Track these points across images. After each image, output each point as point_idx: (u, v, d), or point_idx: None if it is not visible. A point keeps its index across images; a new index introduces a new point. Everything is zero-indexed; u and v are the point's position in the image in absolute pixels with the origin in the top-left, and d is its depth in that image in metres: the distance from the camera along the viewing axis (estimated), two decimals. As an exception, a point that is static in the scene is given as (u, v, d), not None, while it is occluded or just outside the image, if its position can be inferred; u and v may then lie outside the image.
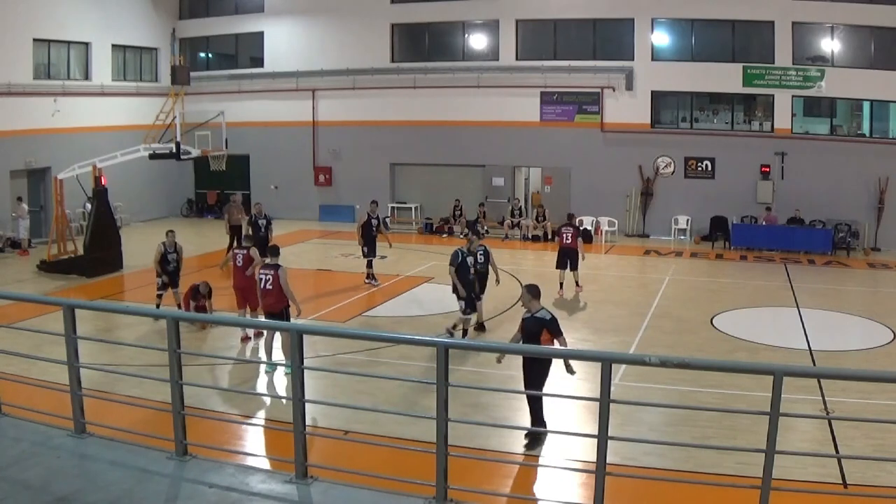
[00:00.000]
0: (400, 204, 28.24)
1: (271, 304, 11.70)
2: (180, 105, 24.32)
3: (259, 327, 13.05)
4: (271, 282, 11.57)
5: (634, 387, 10.98)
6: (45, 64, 24.69)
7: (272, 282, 11.56)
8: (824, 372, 11.63)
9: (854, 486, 8.09)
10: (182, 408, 6.01)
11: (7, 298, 10.35)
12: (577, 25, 26.29)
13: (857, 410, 10.18)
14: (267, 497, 5.50)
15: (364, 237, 17.74)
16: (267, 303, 11.76)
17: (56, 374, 8.68)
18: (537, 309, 9.17)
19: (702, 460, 8.43)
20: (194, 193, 30.54)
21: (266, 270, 11.70)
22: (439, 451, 5.30)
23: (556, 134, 26.07)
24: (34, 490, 5.54)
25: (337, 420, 9.47)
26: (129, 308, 14.48)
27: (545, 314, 9.13)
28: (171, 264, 14.93)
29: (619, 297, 17.37)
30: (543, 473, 8.61)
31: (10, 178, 23.36)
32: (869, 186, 23.34)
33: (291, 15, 28.54)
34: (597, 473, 5.08)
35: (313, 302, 16.99)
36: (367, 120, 27.84)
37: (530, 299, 9.22)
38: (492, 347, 8.76)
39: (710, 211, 24.52)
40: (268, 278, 11.59)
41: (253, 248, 13.56)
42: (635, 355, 11.38)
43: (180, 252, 15.22)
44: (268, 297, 11.69)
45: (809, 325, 14.79)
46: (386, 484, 5.88)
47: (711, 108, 25.73)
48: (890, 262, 21.70)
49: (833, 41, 23.84)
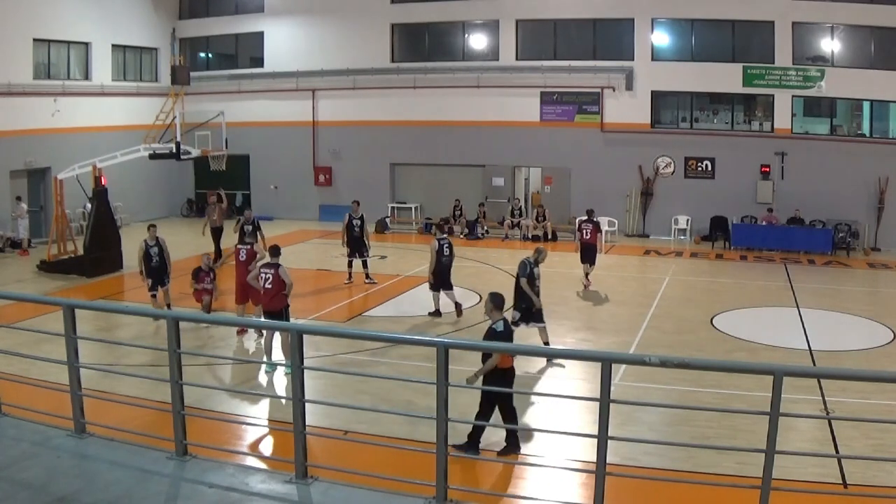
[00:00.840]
0: (400, 204, 28.24)
1: (271, 303, 11.75)
2: (180, 105, 24.33)
3: (259, 327, 13.05)
4: (272, 280, 11.62)
5: (634, 387, 10.97)
6: (45, 64, 24.70)
7: (272, 280, 11.61)
8: (824, 372, 11.62)
9: (854, 486, 8.09)
10: (182, 408, 6.01)
11: (7, 298, 10.35)
12: (577, 25, 26.29)
13: (857, 410, 10.18)
14: (267, 497, 5.50)
15: (347, 238, 17.78)
16: (266, 301, 11.82)
17: (56, 374, 8.69)
18: (496, 319, 8.81)
19: (702, 460, 8.43)
20: (194, 193, 30.53)
21: (267, 269, 11.77)
22: (439, 451, 5.30)
23: (556, 134, 26.07)
24: (34, 490, 5.54)
25: (337, 420, 9.47)
26: (129, 308, 14.48)
27: (499, 325, 8.76)
28: (153, 259, 14.68)
29: (619, 297, 17.37)
30: (543, 473, 8.61)
31: (10, 178, 23.37)
32: (869, 186, 23.33)
33: (291, 15, 28.54)
34: (597, 473, 5.08)
35: (313, 302, 17.01)
36: (367, 120, 27.84)
37: (491, 309, 8.83)
38: (492, 347, 8.75)
39: (710, 211, 24.52)
40: (268, 277, 11.66)
41: (257, 243, 13.55)
42: (635, 355, 11.38)
43: (164, 246, 14.93)
44: (267, 296, 11.74)
45: (809, 325, 14.79)
46: (386, 484, 5.87)
47: (711, 108, 25.72)
48: (890, 262, 21.70)
49: (833, 41, 23.84)
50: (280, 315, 11.73)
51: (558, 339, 14.20)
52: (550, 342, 12.79)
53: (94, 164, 19.78)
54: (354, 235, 17.74)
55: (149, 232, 15.02)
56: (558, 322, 15.38)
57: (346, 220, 17.88)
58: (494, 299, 8.89)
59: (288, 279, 11.71)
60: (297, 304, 16.47)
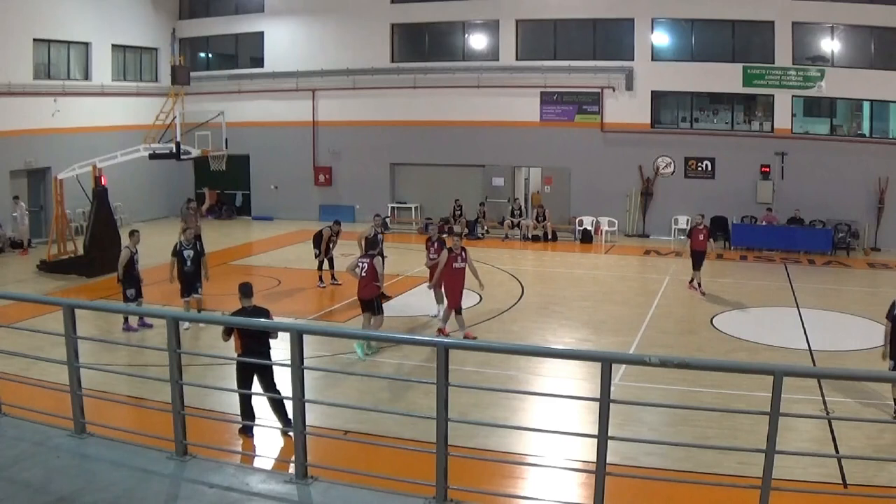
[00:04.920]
0: (400, 204, 28.24)
1: (363, 291, 12.61)
2: (180, 105, 24.30)
3: (259, 327, 13.00)
4: (366, 269, 12.54)
5: (634, 387, 10.97)
6: (45, 64, 24.69)
7: (367, 269, 12.53)
8: (824, 372, 11.62)
9: (854, 486, 8.09)
10: (182, 408, 6.01)
11: (7, 298, 10.35)
12: (577, 25, 26.29)
13: (857, 410, 10.18)
14: (267, 497, 5.50)
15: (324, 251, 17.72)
16: (359, 289, 12.67)
17: (56, 374, 8.68)
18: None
19: (702, 460, 8.43)
20: (194, 193, 30.46)
21: (364, 259, 12.72)
22: (439, 451, 5.29)
23: (556, 134, 26.06)
24: (34, 490, 5.54)
25: (337, 420, 9.47)
26: (129, 308, 14.45)
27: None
28: (187, 262, 13.95)
29: (619, 297, 17.37)
30: (543, 473, 8.61)
31: (10, 178, 23.36)
32: (869, 186, 23.33)
33: (291, 15, 28.54)
34: (597, 473, 5.08)
35: (313, 302, 17.02)
36: (367, 120, 27.84)
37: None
38: (492, 347, 8.74)
39: (710, 211, 24.43)
40: (364, 265, 12.57)
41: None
42: (635, 355, 11.38)
43: (200, 249, 14.32)
44: (360, 283, 12.61)
45: (809, 326, 14.79)
46: (386, 484, 5.87)
47: (711, 108, 25.72)
48: (890, 262, 21.70)
49: (833, 41, 23.84)
50: (371, 303, 12.59)
51: (558, 339, 14.23)
52: (551, 342, 12.77)
53: (94, 164, 19.78)
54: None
55: (184, 234, 14.39)
56: (558, 322, 15.41)
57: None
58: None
59: (381, 269, 12.65)
60: (297, 304, 16.55)
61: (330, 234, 17.75)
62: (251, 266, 21.00)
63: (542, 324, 15.02)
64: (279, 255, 22.29)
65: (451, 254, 13.46)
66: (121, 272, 14.17)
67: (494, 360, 12.01)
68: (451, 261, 13.40)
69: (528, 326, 14.67)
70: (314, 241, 18.06)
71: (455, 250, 13.52)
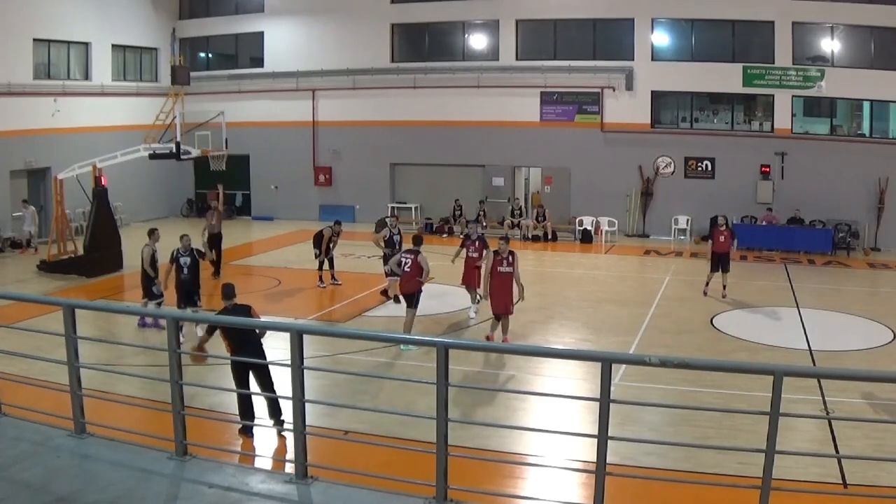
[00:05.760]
0: (400, 204, 28.22)
1: (406, 285, 12.96)
2: (180, 105, 24.31)
3: (258, 327, 13.00)
4: (410, 264, 12.84)
5: (634, 387, 10.97)
6: (45, 64, 24.69)
7: (411, 265, 12.82)
8: (824, 372, 11.62)
9: (854, 486, 8.09)
10: (182, 408, 6.00)
11: (7, 298, 10.34)
12: (577, 25, 26.29)
13: (857, 410, 10.18)
14: (267, 497, 5.50)
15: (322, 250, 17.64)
16: (402, 283, 13.06)
17: (56, 374, 8.68)
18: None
19: (702, 460, 8.43)
20: (194, 193, 30.53)
21: (408, 255, 13.04)
22: (439, 451, 5.29)
23: (556, 134, 26.06)
24: (34, 490, 5.54)
25: (337, 420, 9.47)
26: (129, 308, 14.47)
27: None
28: (184, 270, 13.29)
29: (619, 297, 17.36)
30: (543, 473, 8.61)
31: (10, 178, 23.37)
32: (869, 186, 23.32)
33: (291, 15, 28.54)
34: (597, 473, 5.07)
35: (313, 302, 17.02)
36: (367, 120, 27.84)
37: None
38: (492, 347, 8.75)
39: (710, 211, 24.31)
40: (407, 261, 12.89)
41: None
42: (635, 355, 11.38)
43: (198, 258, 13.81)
44: (404, 278, 12.96)
45: (809, 325, 14.79)
46: (386, 484, 5.87)
47: (711, 108, 25.72)
48: (890, 262, 21.70)
49: (833, 41, 23.84)
50: (412, 297, 12.87)
51: (558, 339, 14.24)
52: (551, 342, 12.78)
53: (94, 164, 19.78)
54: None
55: (181, 241, 13.58)
56: (558, 322, 15.41)
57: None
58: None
59: (426, 265, 12.82)
60: (297, 304, 16.56)
61: (330, 234, 17.75)
62: (251, 266, 20.99)
63: (542, 324, 15.02)
64: (279, 255, 22.29)
65: (496, 256, 12.99)
66: (151, 270, 13.77)
67: (495, 360, 12.01)
68: (496, 264, 12.93)
69: (528, 326, 14.67)
70: (314, 241, 18.06)
71: (502, 253, 12.93)
